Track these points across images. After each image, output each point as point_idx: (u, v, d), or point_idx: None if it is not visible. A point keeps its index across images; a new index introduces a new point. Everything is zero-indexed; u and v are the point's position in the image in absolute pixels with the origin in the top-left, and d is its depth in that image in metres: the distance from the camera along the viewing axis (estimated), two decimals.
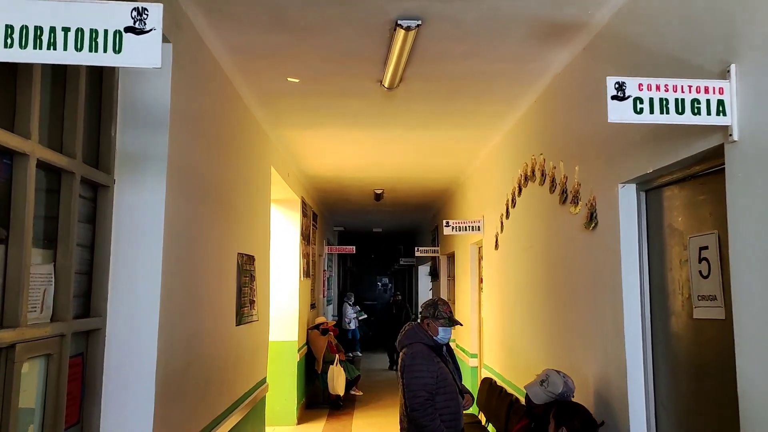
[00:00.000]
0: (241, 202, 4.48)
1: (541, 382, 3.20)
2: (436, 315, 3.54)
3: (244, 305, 4.43)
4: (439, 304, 3.59)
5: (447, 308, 3.58)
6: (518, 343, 4.92)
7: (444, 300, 3.71)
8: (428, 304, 3.65)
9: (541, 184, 4.23)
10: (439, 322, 3.53)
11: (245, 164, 4.64)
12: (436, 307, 3.57)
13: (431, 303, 3.65)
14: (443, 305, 3.60)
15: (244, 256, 4.43)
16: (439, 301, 3.64)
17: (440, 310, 3.55)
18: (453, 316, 3.62)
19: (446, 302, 3.66)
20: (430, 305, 3.62)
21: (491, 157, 6.10)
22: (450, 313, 3.59)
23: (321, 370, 8.52)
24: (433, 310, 3.57)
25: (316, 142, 6.10)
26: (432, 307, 3.60)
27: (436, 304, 3.60)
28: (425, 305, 3.67)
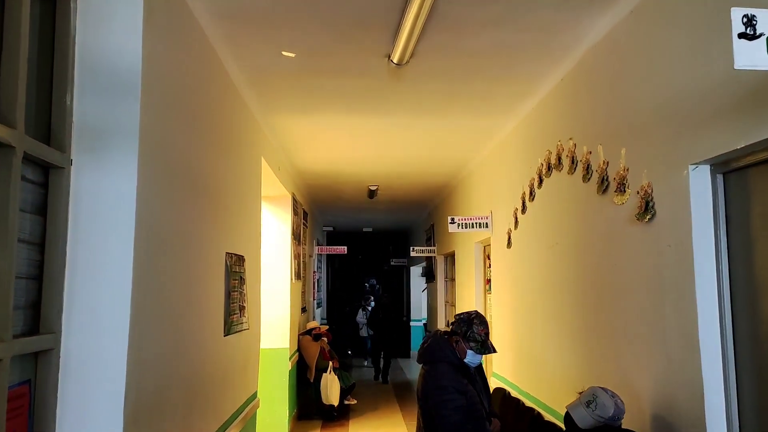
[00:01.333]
0: (230, 195, 3.94)
1: (587, 403, 2.70)
2: (468, 336, 3.01)
3: (233, 312, 3.88)
4: (475, 323, 3.05)
5: (483, 329, 3.04)
6: (539, 351, 4.43)
7: (482, 317, 3.14)
8: (462, 319, 3.11)
9: (570, 173, 3.74)
10: (469, 345, 3.01)
11: (234, 152, 4.10)
12: (470, 326, 3.04)
13: (466, 318, 3.10)
14: (480, 325, 3.05)
15: (233, 257, 3.89)
16: (475, 319, 3.08)
17: (475, 330, 3.02)
18: (489, 339, 3.08)
19: (484, 321, 3.11)
20: (464, 321, 3.09)
21: (502, 148, 5.60)
22: (486, 336, 3.05)
23: (313, 378, 7.98)
24: (466, 328, 3.04)
25: (310, 131, 5.56)
26: (465, 324, 3.06)
27: (471, 321, 3.06)
28: (459, 319, 3.13)
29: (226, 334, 3.71)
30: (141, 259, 2.23)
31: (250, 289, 4.48)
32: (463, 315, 3.13)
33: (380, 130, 5.53)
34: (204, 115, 3.28)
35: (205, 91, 3.30)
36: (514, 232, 5.18)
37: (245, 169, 4.47)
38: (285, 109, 4.84)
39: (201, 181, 3.21)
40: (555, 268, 4.07)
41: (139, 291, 2.21)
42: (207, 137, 3.35)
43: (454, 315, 3.25)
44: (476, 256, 6.96)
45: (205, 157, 3.30)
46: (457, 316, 3.16)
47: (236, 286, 3.98)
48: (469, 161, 6.77)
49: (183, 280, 2.87)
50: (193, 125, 3.04)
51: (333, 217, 13.00)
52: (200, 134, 3.21)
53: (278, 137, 5.69)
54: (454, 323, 3.12)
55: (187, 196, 2.93)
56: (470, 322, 3.04)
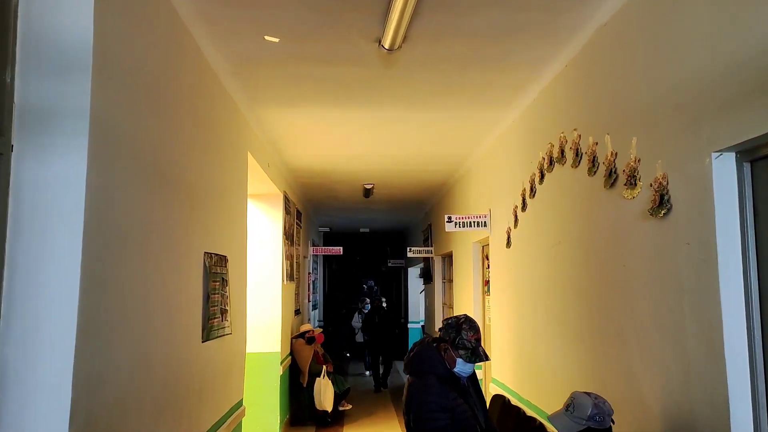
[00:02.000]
0: (211, 191, 3.68)
1: (567, 408, 2.47)
2: (457, 342, 2.72)
3: (213, 316, 3.62)
4: (464, 328, 2.75)
5: (474, 335, 2.74)
6: (541, 356, 4.17)
7: (473, 321, 2.83)
8: (450, 325, 2.81)
9: (574, 166, 3.49)
10: (458, 353, 2.72)
11: (215, 145, 3.84)
12: (459, 331, 2.74)
13: (454, 324, 2.79)
14: (469, 330, 2.75)
15: (213, 257, 3.63)
16: (464, 324, 2.78)
17: (464, 336, 2.72)
18: (480, 346, 2.77)
19: (475, 325, 2.81)
20: (452, 326, 2.78)
21: (501, 142, 5.35)
22: (477, 342, 2.75)
23: (306, 383, 7.71)
24: (454, 334, 2.74)
25: (300, 125, 5.31)
26: (454, 330, 2.76)
27: (460, 326, 2.76)
28: (447, 325, 2.83)
29: (205, 339, 3.44)
30: (92, 258, 1.97)
31: (234, 292, 4.22)
32: (451, 320, 2.84)
33: (373, 124, 5.27)
34: (177, 102, 3.02)
35: (178, 76, 3.04)
36: (513, 230, 4.92)
37: (229, 163, 4.21)
38: (272, 101, 4.58)
39: (174, 175, 2.95)
40: (558, 268, 3.82)
41: (89, 293, 1.95)
42: (182, 127, 3.09)
43: (442, 320, 2.96)
44: (474, 256, 6.70)
45: (179, 148, 3.04)
46: (445, 321, 2.87)
47: (217, 288, 3.72)
48: (467, 158, 6.52)
49: (150, 282, 2.60)
50: (162, 112, 2.78)
51: (329, 217, 12.75)
52: (173, 123, 2.95)
53: (266, 132, 5.43)
54: (442, 329, 2.83)
55: (155, 189, 2.67)
56: (459, 328, 2.76)
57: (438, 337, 2.84)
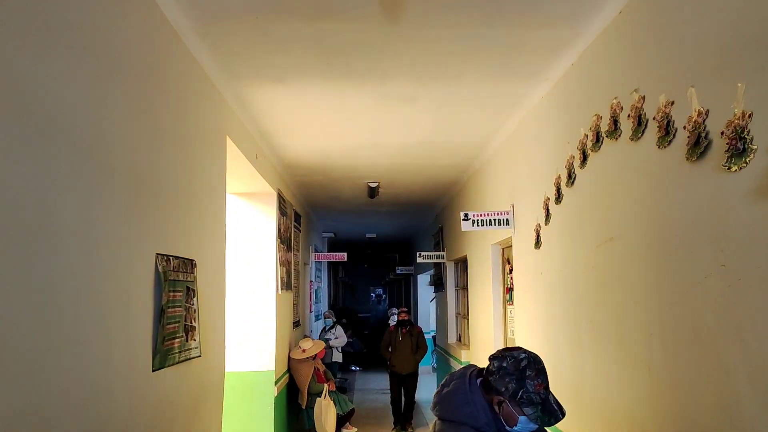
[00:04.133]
0: (170, 179, 2.91)
1: None
2: (521, 396, 1.86)
3: (171, 335, 2.84)
4: (528, 375, 1.88)
5: (542, 383, 1.89)
6: (585, 385, 3.35)
7: (537, 360, 1.94)
8: (506, 370, 1.91)
9: (635, 138, 2.69)
10: (523, 410, 1.87)
11: (179, 125, 3.08)
12: (522, 380, 1.88)
13: (512, 369, 1.90)
14: (536, 376, 1.89)
15: (171, 260, 2.85)
16: (528, 368, 1.89)
17: (529, 387, 1.87)
18: (551, 394, 1.92)
19: (541, 366, 1.94)
20: (510, 373, 1.89)
21: (527, 125, 4.55)
22: (545, 391, 1.90)
23: (306, 404, 6.90)
24: (515, 385, 1.88)
25: (289, 107, 4.53)
26: (514, 379, 1.89)
27: (522, 372, 1.89)
28: (501, 370, 1.92)
29: (158, 367, 2.65)
30: None
31: (206, 304, 3.44)
32: (506, 361, 1.94)
33: (376, 104, 4.49)
34: (113, 60, 2.25)
35: (126, 36, 2.27)
36: (544, 228, 4.12)
37: (199, 149, 3.44)
38: (253, 74, 3.81)
39: (111, 156, 2.18)
40: (610, 271, 3.01)
41: None
42: (120, 94, 2.32)
43: (491, 357, 2.00)
44: (493, 260, 5.89)
45: (117, 123, 2.27)
46: (496, 361, 1.96)
47: (178, 299, 2.93)
48: (485, 147, 5.72)
49: (66, 294, 1.82)
50: (86, 70, 2.01)
51: (333, 222, 11.97)
52: (106, 87, 2.18)
53: (251, 116, 4.66)
54: (493, 374, 1.95)
55: (69, 165, 1.89)
56: (522, 376, 1.89)
57: (486, 382, 1.99)
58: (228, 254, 6.20)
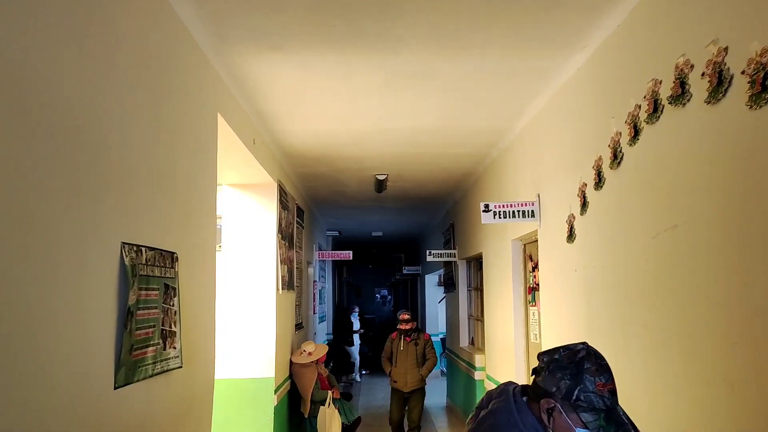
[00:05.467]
0: (142, 155, 2.42)
1: None
2: (577, 396, 1.44)
3: (145, 343, 2.34)
4: (587, 369, 1.48)
5: (607, 383, 1.47)
6: (636, 401, 2.83)
7: (599, 356, 1.55)
8: (559, 363, 1.52)
9: (713, 100, 2.17)
10: (580, 416, 1.44)
11: (156, 92, 2.58)
12: (579, 375, 1.46)
13: (567, 360, 1.52)
14: (599, 374, 1.49)
15: (142, 251, 2.35)
16: (587, 359, 1.51)
17: (589, 386, 1.45)
18: (620, 409, 1.48)
19: (604, 363, 1.53)
20: (563, 366, 1.50)
21: (557, 103, 4.04)
22: (612, 395, 1.48)
23: (309, 412, 6.40)
24: (570, 380, 1.47)
25: (288, 83, 4.02)
26: (569, 374, 1.48)
27: (580, 361, 1.49)
28: (554, 363, 1.53)
29: (123, 382, 2.15)
30: None
31: (190, 304, 2.94)
32: (560, 354, 1.55)
33: (385, 82, 3.98)
34: (79, 16, 1.76)
35: None
36: (579, 218, 3.61)
37: (182, 123, 2.94)
38: (245, 38, 3.30)
39: (59, 122, 1.68)
40: (674, 266, 2.49)
41: None
42: (84, 54, 1.82)
43: (539, 354, 1.62)
44: (513, 257, 5.37)
45: (75, 84, 1.77)
46: (546, 356, 1.58)
47: (153, 299, 2.43)
48: (506, 132, 5.20)
49: None
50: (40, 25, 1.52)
51: (337, 219, 11.47)
52: (64, 45, 1.68)
53: (246, 92, 4.15)
54: (543, 370, 1.55)
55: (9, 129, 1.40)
56: (579, 369, 1.48)
57: (535, 387, 1.56)
58: (224, 249, 5.77)
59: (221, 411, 5.32)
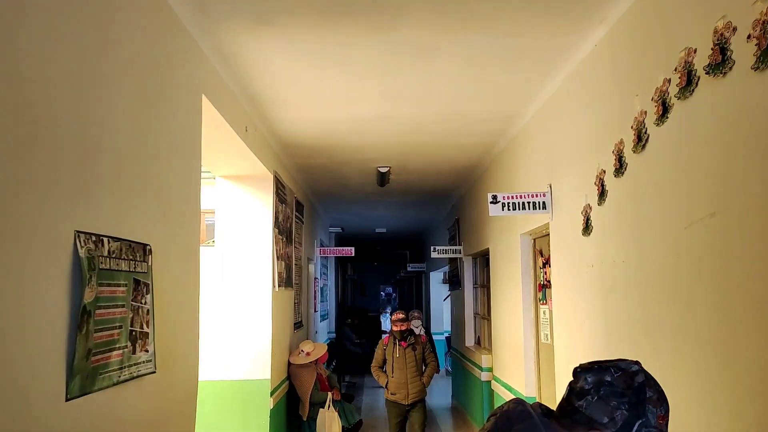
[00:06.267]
0: (106, 133, 2.13)
1: None
2: (637, 431, 1.18)
3: (108, 346, 2.05)
4: (649, 398, 1.22)
5: (666, 417, 1.23)
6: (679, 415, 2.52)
7: (656, 382, 1.27)
8: (612, 388, 1.23)
9: (761, 66, 1.87)
10: None
11: (129, 69, 2.30)
12: (641, 400, 1.20)
13: (624, 381, 1.23)
14: (660, 403, 1.23)
15: (102, 242, 2.06)
16: (648, 385, 1.24)
17: (650, 414, 1.20)
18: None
19: (662, 391, 1.26)
20: (622, 388, 1.22)
21: (572, 85, 3.73)
22: (666, 425, 1.22)
23: (308, 415, 6.11)
24: (629, 406, 1.20)
25: (281, 61, 3.72)
26: (626, 399, 1.21)
27: (640, 387, 1.22)
28: (599, 382, 1.24)
29: (77, 393, 1.87)
30: None
31: (168, 302, 2.66)
32: (612, 375, 1.26)
33: (386, 59, 3.67)
34: None
35: None
36: (596, 209, 3.30)
37: (159, 101, 2.65)
38: (232, 10, 3.01)
39: None
40: (711, 260, 2.19)
41: None
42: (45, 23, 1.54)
43: (581, 370, 1.31)
44: (522, 252, 5.07)
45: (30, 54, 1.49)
46: (591, 374, 1.28)
47: (119, 297, 2.14)
48: (515, 119, 4.89)
49: None
50: None
51: (340, 215, 11.18)
52: None
53: (234, 72, 3.85)
54: (587, 394, 1.25)
55: None
56: (639, 396, 1.22)
57: (569, 409, 1.27)
58: (218, 244, 5.48)
59: (213, 415, 5.05)
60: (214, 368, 5.17)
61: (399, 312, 6.24)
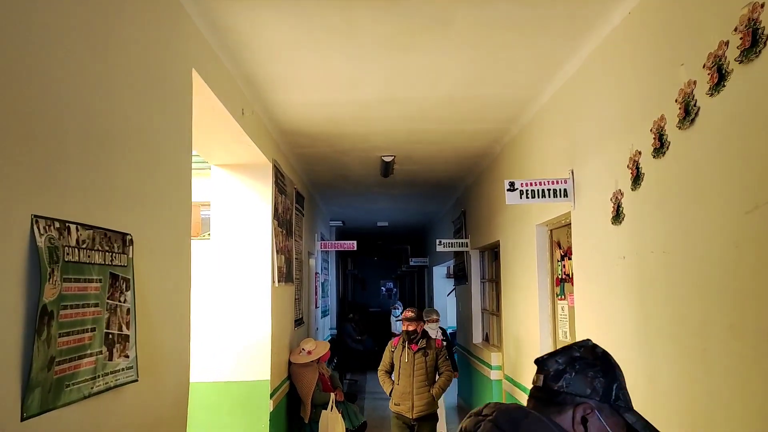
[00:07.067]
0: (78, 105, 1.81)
1: None
2: (616, 395, 1.27)
3: (75, 353, 1.74)
4: (615, 365, 1.33)
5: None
6: (735, 429, 2.21)
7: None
8: (584, 361, 1.30)
9: None
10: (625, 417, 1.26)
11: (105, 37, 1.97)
12: (610, 367, 1.31)
13: (591, 353, 1.33)
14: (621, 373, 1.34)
15: (69, 230, 1.74)
16: (607, 354, 1.35)
17: (622, 379, 1.31)
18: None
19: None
20: (591, 359, 1.31)
21: (600, 58, 3.40)
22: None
23: (309, 417, 5.81)
24: (603, 373, 1.29)
25: (280, 36, 3.39)
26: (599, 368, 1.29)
27: (605, 356, 1.33)
28: (570, 359, 1.31)
29: (37, 410, 1.55)
30: None
31: (154, 300, 2.34)
32: (574, 351, 1.34)
33: (395, 33, 3.34)
34: None
35: None
36: (630, 194, 2.98)
37: (142, 75, 2.33)
38: None
39: None
40: None
41: None
42: None
43: (546, 358, 1.35)
44: (538, 244, 4.75)
45: None
46: (559, 356, 1.33)
47: (90, 294, 1.83)
48: (531, 102, 4.56)
49: None
50: None
51: (341, 208, 10.86)
52: None
53: (230, 48, 3.52)
54: (564, 373, 1.30)
55: None
56: (608, 363, 1.32)
57: (548, 394, 1.30)
58: (214, 237, 5.16)
59: (208, 419, 4.76)
60: (210, 369, 4.87)
61: (410, 310, 5.42)
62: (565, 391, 1.28)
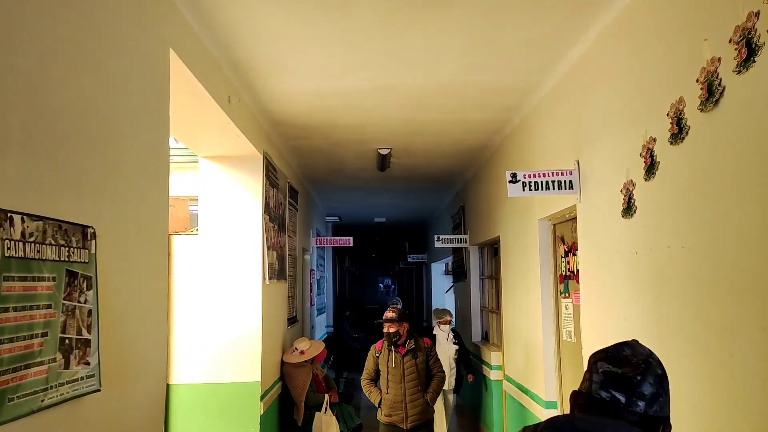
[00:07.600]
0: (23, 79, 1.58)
1: None
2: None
3: (19, 362, 1.52)
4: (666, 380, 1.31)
5: None
6: None
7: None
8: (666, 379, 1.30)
9: None
10: None
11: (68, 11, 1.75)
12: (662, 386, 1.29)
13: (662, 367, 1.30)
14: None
15: (9, 220, 1.52)
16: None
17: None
18: None
19: None
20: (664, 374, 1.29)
21: (610, 41, 3.17)
22: None
23: (302, 420, 5.59)
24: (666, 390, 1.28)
25: (268, 22, 3.16)
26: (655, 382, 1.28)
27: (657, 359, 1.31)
28: (662, 377, 1.28)
29: None
30: None
31: (123, 300, 2.12)
32: (653, 362, 1.29)
33: (390, 13, 3.12)
34: None
35: None
36: (642, 185, 2.76)
37: (111, 52, 2.10)
38: None
39: None
40: None
41: None
42: None
43: (642, 367, 1.27)
44: (541, 240, 4.53)
45: None
46: (650, 376, 1.25)
47: (41, 294, 1.61)
48: (535, 89, 4.33)
49: None
50: None
51: (337, 203, 10.64)
52: None
53: (211, 27, 3.29)
54: (660, 395, 1.23)
55: None
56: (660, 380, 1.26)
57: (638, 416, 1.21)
58: (201, 233, 4.93)
59: (195, 423, 4.54)
60: (197, 371, 4.64)
61: (391, 308, 4.92)
62: (659, 415, 1.24)
